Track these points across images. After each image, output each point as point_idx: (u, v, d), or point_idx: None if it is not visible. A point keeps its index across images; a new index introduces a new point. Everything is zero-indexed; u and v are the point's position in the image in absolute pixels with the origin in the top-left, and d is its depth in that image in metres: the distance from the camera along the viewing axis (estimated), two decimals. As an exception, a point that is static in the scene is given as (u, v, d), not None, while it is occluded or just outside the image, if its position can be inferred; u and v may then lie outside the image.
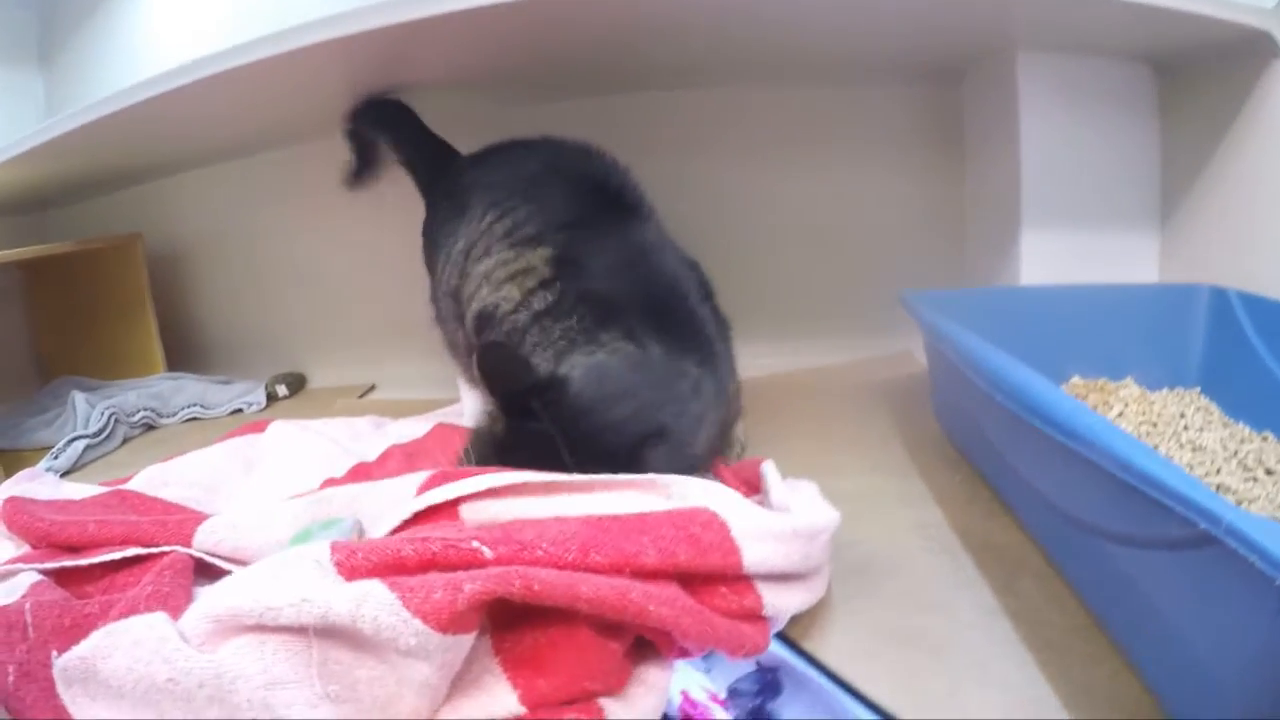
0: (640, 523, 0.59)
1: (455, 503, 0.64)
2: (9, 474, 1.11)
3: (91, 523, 0.72)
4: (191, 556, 0.66)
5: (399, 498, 0.68)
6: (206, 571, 0.66)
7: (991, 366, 0.70)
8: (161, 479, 0.94)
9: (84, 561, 0.68)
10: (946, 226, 1.38)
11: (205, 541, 0.68)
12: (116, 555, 0.67)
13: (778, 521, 0.62)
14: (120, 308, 1.56)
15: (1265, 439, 0.83)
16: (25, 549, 0.74)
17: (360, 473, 0.93)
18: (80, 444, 1.23)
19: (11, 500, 0.80)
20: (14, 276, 1.66)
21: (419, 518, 0.64)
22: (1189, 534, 0.45)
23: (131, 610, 0.54)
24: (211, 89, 1.03)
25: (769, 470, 0.74)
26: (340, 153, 1.36)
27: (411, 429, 1.09)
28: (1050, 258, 1.18)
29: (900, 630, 0.60)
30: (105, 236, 1.51)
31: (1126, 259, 1.17)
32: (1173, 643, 0.52)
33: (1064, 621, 0.64)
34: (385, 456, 0.97)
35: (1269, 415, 0.85)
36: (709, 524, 0.59)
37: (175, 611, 0.53)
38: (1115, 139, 1.17)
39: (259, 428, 1.09)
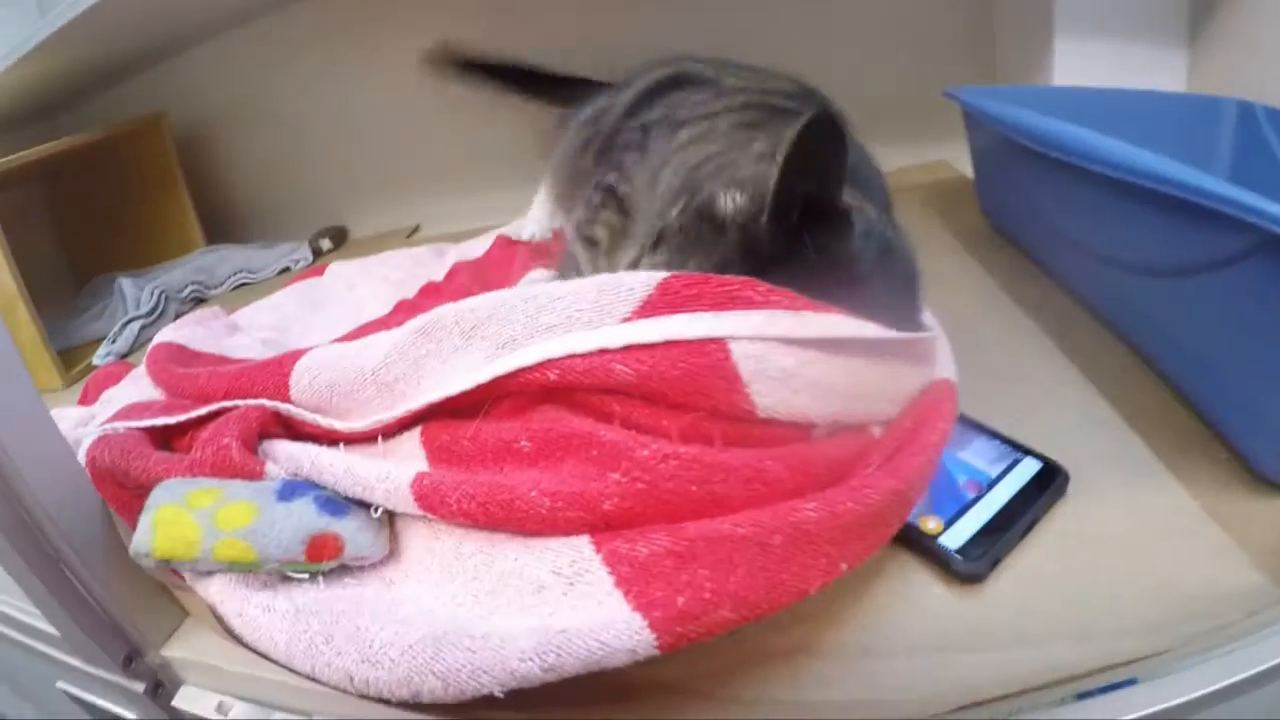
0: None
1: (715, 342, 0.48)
2: (69, 369, 1.16)
3: (204, 375, 0.67)
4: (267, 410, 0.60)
5: (581, 315, 0.51)
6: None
7: (1050, 128, 0.74)
8: (233, 324, 0.96)
9: (163, 420, 0.63)
10: (974, 40, 1.36)
11: (300, 381, 0.60)
12: (203, 411, 0.62)
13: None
14: (151, 192, 1.55)
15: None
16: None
17: (430, 292, 0.95)
18: (135, 325, 1.24)
19: (158, 347, 0.81)
20: (36, 188, 1.62)
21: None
22: (1241, 245, 0.51)
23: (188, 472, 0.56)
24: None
25: None
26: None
27: (473, 249, 1.09)
28: (1081, 67, 1.16)
29: (974, 368, 0.64)
30: (128, 121, 1.48)
31: (1155, 71, 1.14)
32: (1221, 371, 0.58)
33: (1117, 362, 0.70)
34: (452, 273, 0.98)
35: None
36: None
37: (228, 469, 0.55)
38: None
39: (317, 272, 1.10)
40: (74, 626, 0.52)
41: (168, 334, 0.85)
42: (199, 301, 1.39)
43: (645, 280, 0.51)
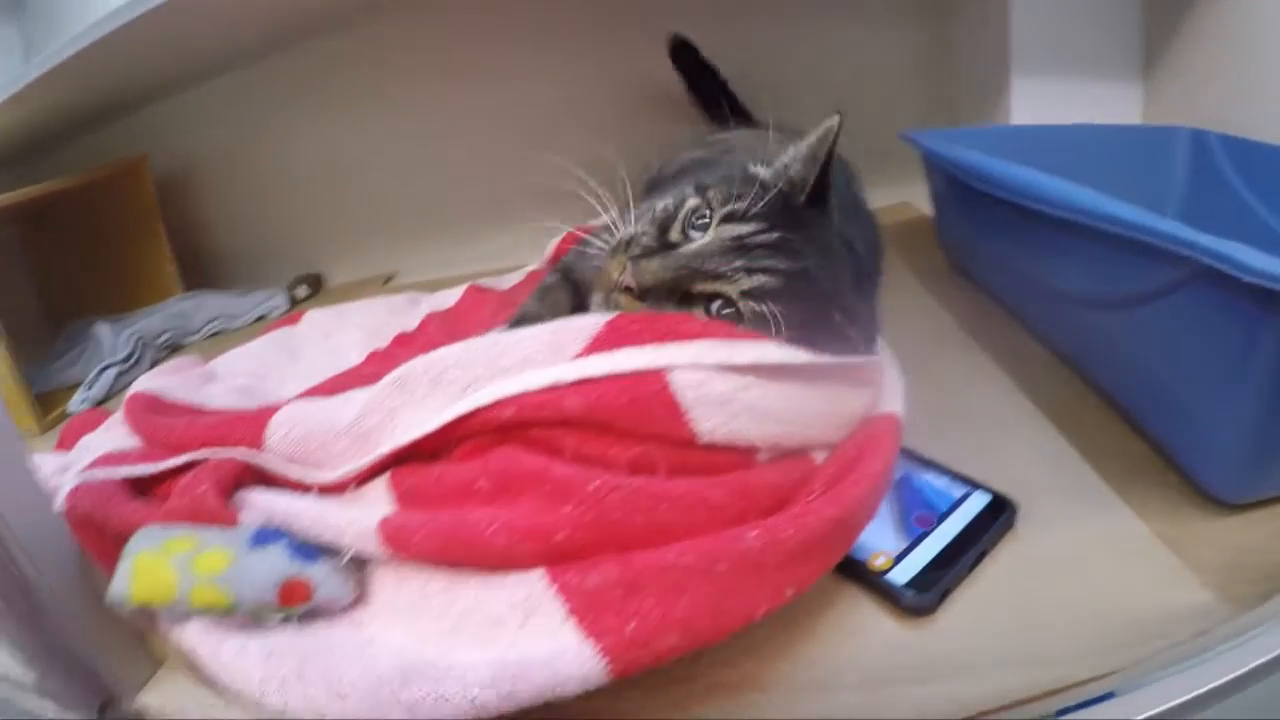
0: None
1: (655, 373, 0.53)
2: (47, 413, 1.15)
3: (181, 425, 0.69)
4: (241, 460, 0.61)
5: (537, 355, 0.56)
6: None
7: (995, 168, 0.77)
8: (210, 373, 0.97)
9: (141, 469, 0.65)
10: (935, 81, 1.41)
11: (275, 434, 0.62)
12: (179, 461, 0.64)
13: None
14: (130, 236, 1.55)
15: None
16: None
17: (403, 342, 0.96)
18: (111, 372, 1.24)
19: (135, 396, 0.81)
20: (13, 232, 1.62)
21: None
22: (1176, 275, 0.54)
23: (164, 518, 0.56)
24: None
25: None
26: (337, 49, 1.43)
27: (445, 299, 1.11)
28: (1038, 106, 1.20)
29: (929, 403, 0.66)
30: (108, 165, 1.49)
31: (1110, 105, 1.19)
32: (1168, 396, 0.61)
33: (1071, 393, 0.73)
34: (424, 324, 1.00)
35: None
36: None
37: (203, 516, 0.55)
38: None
39: (293, 320, 1.11)
40: (51, 672, 0.53)
41: (144, 383, 0.85)
42: (175, 348, 1.39)
43: (594, 320, 0.56)
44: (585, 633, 0.43)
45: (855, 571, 0.54)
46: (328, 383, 0.86)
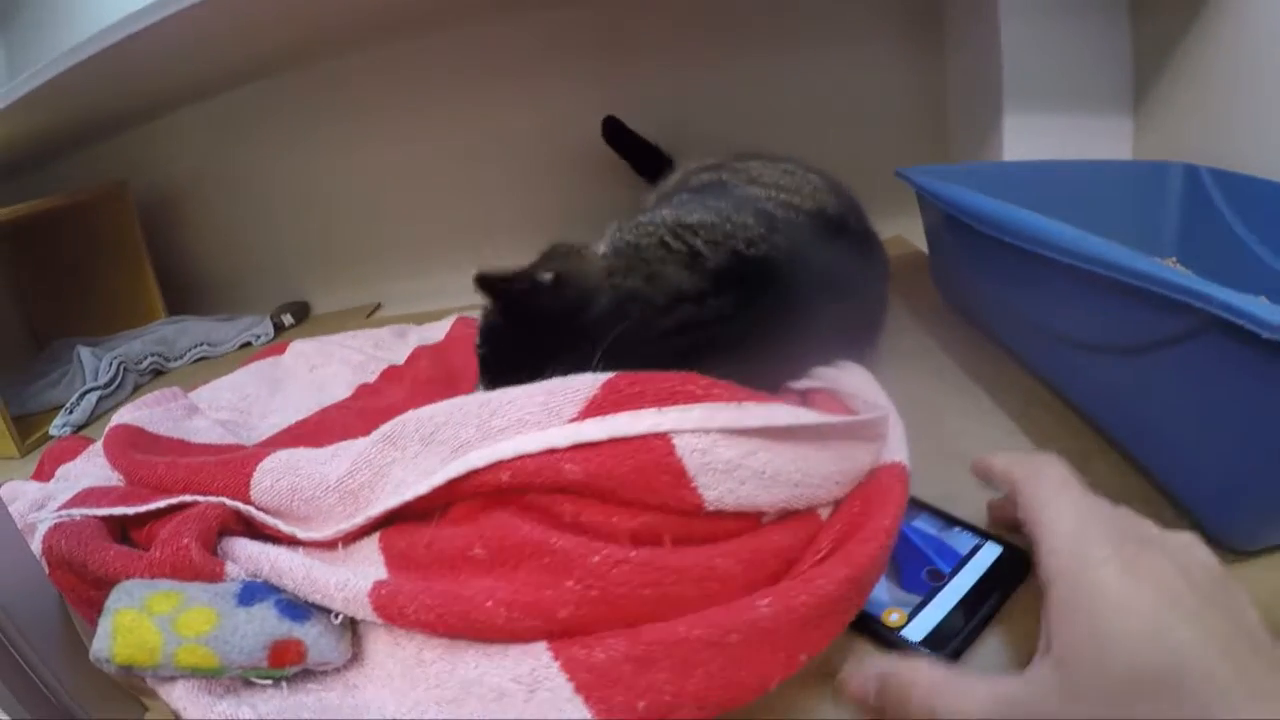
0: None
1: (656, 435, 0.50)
2: (24, 438, 1.13)
3: (163, 465, 0.67)
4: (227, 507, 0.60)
5: (531, 417, 0.53)
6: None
7: (996, 210, 0.75)
8: (192, 405, 0.95)
9: (121, 510, 0.63)
10: (927, 117, 1.40)
11: (261, 483, 0.61)
12: (162, 504, 0.62)
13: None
14: (113, 260, 1.54)
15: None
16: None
17: (391, 376, 0.95)
18: (93, 396, 1.22)
19: (116, 429, 0.79)
20: None
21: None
22: (1187, 325, 0.52)
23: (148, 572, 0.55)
24: (183, 25, 1.02)
25: None
26: (323, 77, 1.43)
27: (433, 332, 1.10)
28: (1031, 141, 1.20)
29: (931, 449, 0.65)
30: (91, 188, 1.48)
31: (1102, 140, 1.19)
32: (1183, 445, 0.59)
33: (1077, 440, 0.70)
34: (413, 357, 0.99)
35: (1242, 280, 0.87)
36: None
37: (186, 572, 0.54)
38: (1087, 23, 1.17)
39: (279, 350, 1.10)
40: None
41: (126, 415, 0.83)
42: (158, 373, 1.38)
43: (591, 381, 0.53)
44: (594, 711, 0.41)
45: (869, 628, 0.53)
46: (313, 418, 0.85)
